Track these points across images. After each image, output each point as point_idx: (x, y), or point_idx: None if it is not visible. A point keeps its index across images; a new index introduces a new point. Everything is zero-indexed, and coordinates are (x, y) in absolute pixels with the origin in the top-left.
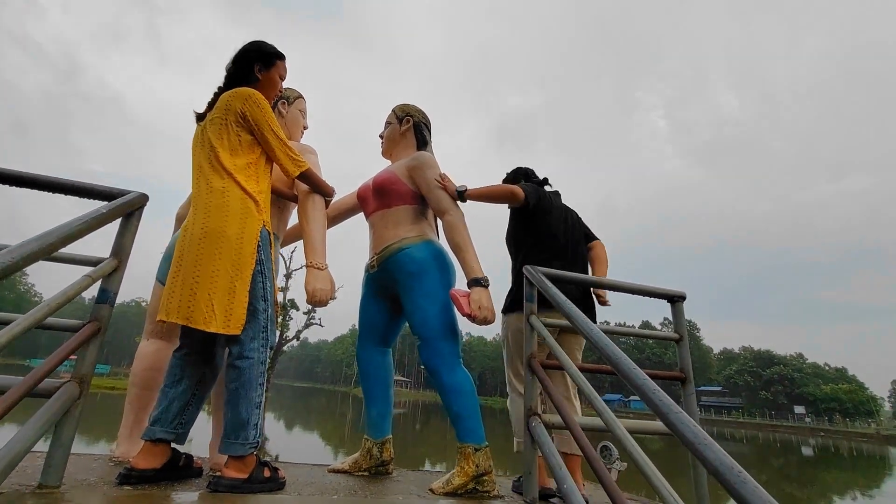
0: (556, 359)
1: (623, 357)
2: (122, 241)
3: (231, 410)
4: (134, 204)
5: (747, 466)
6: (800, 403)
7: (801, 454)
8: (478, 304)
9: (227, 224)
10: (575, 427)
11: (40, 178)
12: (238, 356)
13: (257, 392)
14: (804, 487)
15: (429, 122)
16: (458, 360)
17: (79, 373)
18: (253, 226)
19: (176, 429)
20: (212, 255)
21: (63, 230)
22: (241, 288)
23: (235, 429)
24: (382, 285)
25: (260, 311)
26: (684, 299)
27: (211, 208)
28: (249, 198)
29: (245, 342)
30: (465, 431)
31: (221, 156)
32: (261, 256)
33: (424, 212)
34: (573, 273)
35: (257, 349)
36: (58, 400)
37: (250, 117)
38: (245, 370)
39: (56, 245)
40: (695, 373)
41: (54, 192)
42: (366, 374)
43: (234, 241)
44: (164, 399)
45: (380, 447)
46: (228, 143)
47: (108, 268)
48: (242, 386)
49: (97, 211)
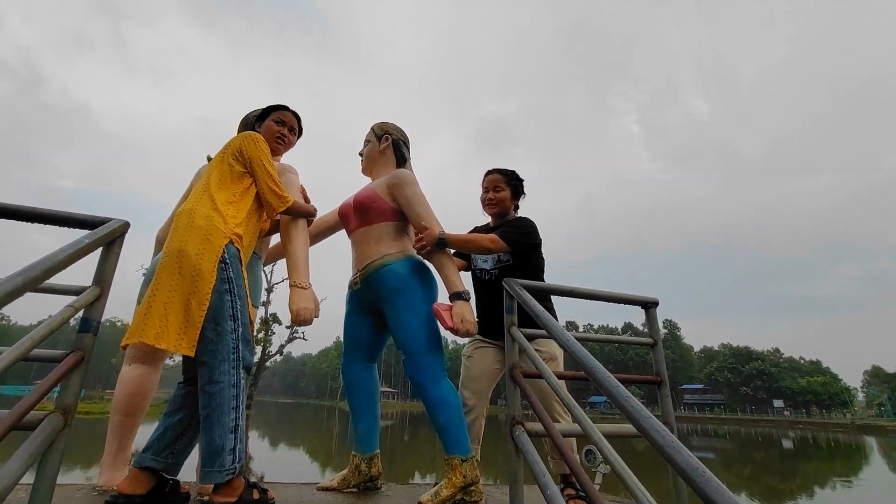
0: (536, 368)
1: (597, 365)
2: (103, 269)
3: (205, 437)
4: (115, 232)
5: (730, 461)
6: (778, 397)
7: (782, 447)
8: (460, 317)
9: (188, 241)
10: (556, 434)
11: (22, 210)
12: (207, 381)
13: (230, 416)
14: (786, 480)
15: (407, 139)
16: (442, 374)
17: (63, 403)
18: (216, 242)
19: (167, 458)
20: (171, 271)
21: (46, 263)
22: (196, 306)
23: (211, 456)
24: (366, 301)
25: (228, 332)
26: (657, 305)
27: (178, 229)
28: (215, 220)
29: (213, 366)
30: (451, 443)
31: (211, 181)
32: (228, 274)
33: (405, 228)
34: (549, 283)
35: (227, 371)
36: (42, 431)
37: (245, 152)
38: (216, 395)
39: (40, 278)
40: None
41: (36, 222)
42: (352, 390)
43: (194, 257)
44: (160, 426)
45: (368, 462)
46: (219, 173)
47: (90, 296)
48: (213, 411)
49: (80, 241)
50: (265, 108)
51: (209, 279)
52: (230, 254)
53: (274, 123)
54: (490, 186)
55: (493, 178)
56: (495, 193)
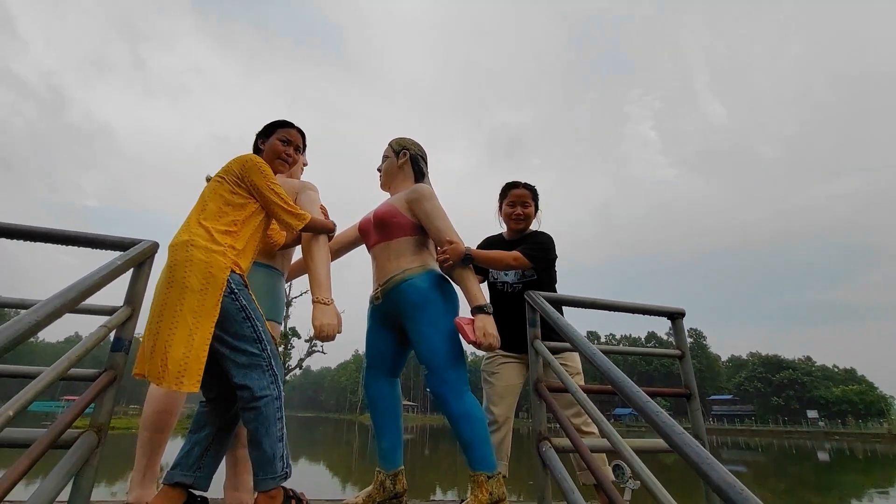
0: (561, 382)
1: (625, 379)
2: (134, 290)
3: (255, 449)
4: (145, 253)
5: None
6: (812, 407)
7: (818, 459)
8: (482, 330)
9: (190, 276)
10: (584, 450)
11: (54, 232)
12: (251, 398)
13: (277, 427)
14: (823, 493)
15: (425, 154)
16: (465, 388)
17: (96, 421)
18: (219, 276)
19: (195, 473)
20: (173, 308)
21: (82, 285)
22: (199, 343)
23: (263, 466)
24: (387, 316)
25: (258, 354)
26: (683, 315)
27: (177, 263)
28: (214, 253)
29: (254, 386)
30: (476, 459)
31: (207, 208)
32: (241, 303)
33: (425, 242)
34: (571, 295)
35: (268, 387)
36: (77, 450)
37: (248, 179)
38: (262, 409)
39: (77, 300)
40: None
41: (69, 244)
42: (375, 406)
43: (198, 294)
44: (187, 444)
45: (393, 479)
46: (220, 200)
47: (122, 317)
48: (262, 424)
49: (112, 263)
50: (269, 124)
51: (211, 315)
52: (236, 283)
53: (279, 142)
54: (518, 201)
55: (521, 193)
56: (524, 209)
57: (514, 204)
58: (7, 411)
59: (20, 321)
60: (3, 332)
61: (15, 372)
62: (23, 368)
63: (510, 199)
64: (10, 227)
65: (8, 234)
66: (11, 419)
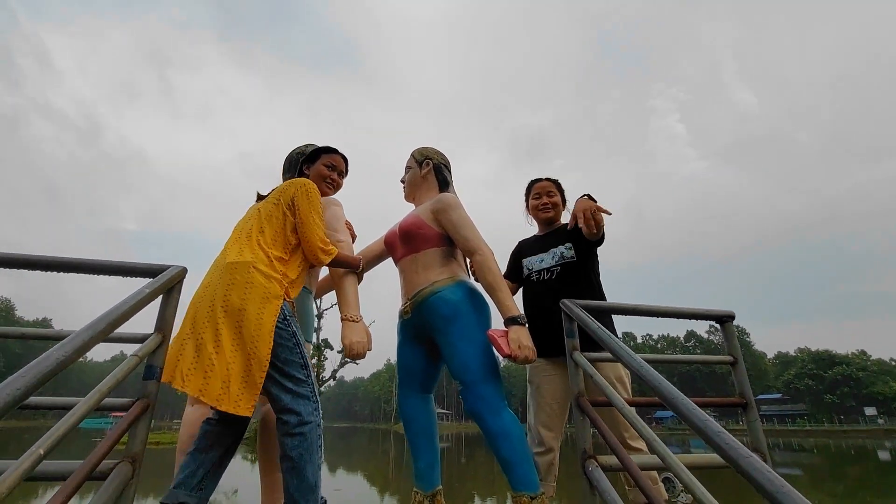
0: (605, 396)
1: (676, 393)
2: (164, 316)
3: (296, 477)
4: (174, 279)
5: (820, 478)
6: (870, 404)
7: (878, 459)
8: (517, 342)
9: (248, 302)
10: (633, 467)
11: (85, 263)
12: (298, 423)
13: (318, 455)
14: (885, 495)
15: (448, 162)
16: (502, 403)
17: (130, 452)
18: (275, 304)
19: (198, 493)
20: (231, 330)
21: (111, 316)
22: (256, 369)
23: (304, 494)
24: (418, 330)
25: (304, 379)
26: (733, 318)
27: (235, 283)
28: (273, 280)
29: (301, 410)
30: (517, 479)
31: (265, 233)
32: (291, 330)
33: (453, 253)
34: (611, 302)
35: (312, 413)
36: (112, 482)
37: (296, 201)
38: (307, 435)
39: (106, 331)
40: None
41: (100, 274)
42: (409, 425)
43: (254, 320)
44: (193, 464)
45: (431, 500)
46: (276, 223)
47: (152, 345)
48: (306, 451)
49: (140, 292)
50: (315, 149)
51: (269, 341)
52: (288, 312)
53: (324, 167)
54: (543, 192)
55: (544, 185)
56: (549, 198)
57: (540, 195)
58: (38, 450)
59: (48, 358)
60: (32, 369)
61: (51, 404)
62: (58, 400)
63: (535, 192)
64: (39, 259)
65: (42, 266)
66: (43, 458)
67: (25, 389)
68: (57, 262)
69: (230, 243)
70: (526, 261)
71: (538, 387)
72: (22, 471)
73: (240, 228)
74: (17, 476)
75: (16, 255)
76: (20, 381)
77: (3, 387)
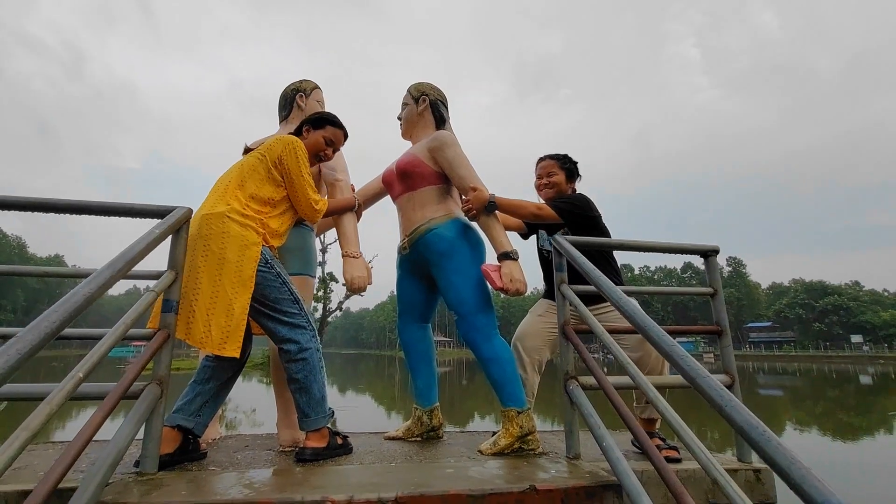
0: (587, 325)
1: (650, 323)
2: (175, 254)
3: (305, 395)
4: (181, 220)
5: (800, 398)
6: (857, 332)
7: (859, 383)
8: (509, 276)
9: (227, 250)
10: (607, 386)
11: (98, 205)
12: (298, 350)
13: (322, 374)
14: (863, 415)
15: (445, 99)
16: (494, 331)
17: (157, 375)
18: (253, 250)
19: (195, 418)
20: (211, 276)
21: (129, 254)
22: (239, 311)
23: (314, 407)
24: (416, 266)
25: (297, 313)
26: (717, 253)
27: (212, 233)
28: (249, 228)
29: (299, 340)
30: (506, 396)
31: (246, 185)
32: (276, 271)
33: (449, 190)
34: (600, 238)
35: (310, 340)
36: (144, 400)
37: (285, 163)
38: (308, 359)
39: (125, 269)
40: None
41: (108, 215)
42: (409, 351)
43: (234, 268)
44: (191, 392)
45: (429, 414)
46: (258, 177)
47: (167, 280)
48: (310, 372)
49: (151, 233)
50: (321, 117)
51: (249, 286)
52: (269, 256)
53: (323, 141)
54: (543, 173)
55: (545, 165)
56: (549, 178)
57: (541, 176)
58: (78, 373)
59: (76, 294)
60: (63, 304)
61: (82, 334)
62: (88, 331)
63: (538, 172)
64: (52, 202)
65: (51, 208)
66: (83, 380)
67: (60, 322)
68: (71, 205)
69: (208, 196)
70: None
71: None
72: (66, 391)
73: (219, 182)
74: (63, 395)
75: (32, 198)
76: (55, 315)
77: (41, 320)
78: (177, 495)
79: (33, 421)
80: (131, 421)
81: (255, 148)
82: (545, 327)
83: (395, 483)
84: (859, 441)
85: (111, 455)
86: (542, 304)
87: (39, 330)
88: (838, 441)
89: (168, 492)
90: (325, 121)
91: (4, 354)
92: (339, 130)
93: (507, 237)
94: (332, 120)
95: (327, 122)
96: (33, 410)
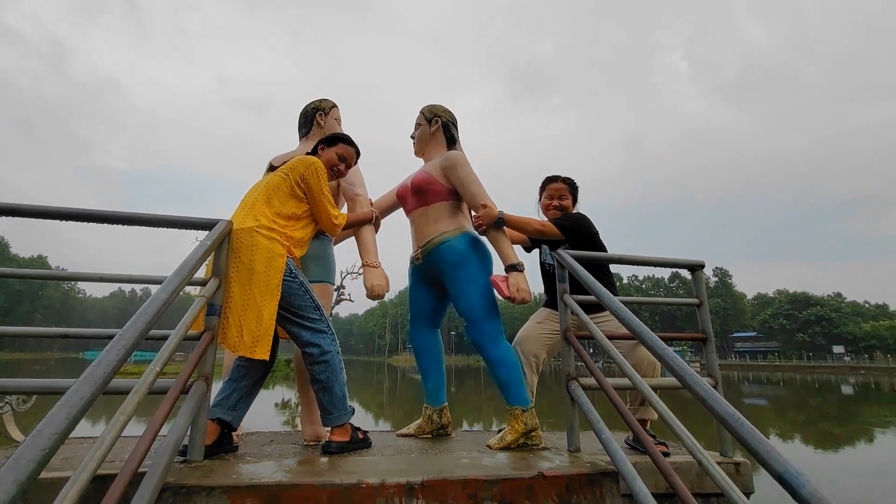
0: (588, 330)
1: (645, 329)
2: (219, 262)
3: (328, 394)
4: (224, 231)
5: (783, 408)
6: (839, 343)
7: (840, 393)
8: (516, 286)
9: (256, 262)
10: (607, 386)
11: (141, 217)
12: (321, 353)
13: (343, 374)
14: (843, 424)
15: (455, 120)
16: (501, 336)
17: (203, 372)
18: (279, 261)
19: (231, 412)
20: (242, 285)
21: (190, 263)
22: (268, 317)
23: (336, 405)
24: (427, 275)
25: (318, 319)
26: (703, 267)
27: (242, 246)
28: (275, 241)
29: (321, 344)
30: (512, 396)
31: (272, 202)
32: (300, 280)
33: (460, 206)
34: (599, 253)
35: (331, 344)
36: (194, 395)
37: (307, 182)
38: (331, 361)
39: (188, 277)
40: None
41: (159, 226)
42: (420, 354)
43: (263, 278)
44: (228, 388)
45: (439, 413)
46: (282, 193)
47: (213, 287)
48: (332, 373)
49: (203, 244)
50: (335, 136)
51: (276, 294)
52: (292, 266)
53: (336, 156)
54: (556, 195)
55: (558, 187)
56: (560, 202)
57: (552, 197)
58: (155, 368)
59: (155, 299)
60: (148, 308)
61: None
62: (157, 332)
63: (548, 192)
64: (98, 213)
65: (96, 218)
66: (159, 374)
67: (148, 324)
68: (108, 215)
69: (237, 212)
70: (543, 247)
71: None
72: (148, 383)
73: (246, 198)
74: (146, 387)
75: (67, 209)
76: (144, 316)
77: (134, 321)
78: (228, 479)
79: (126, 407)
80: (185, 414)
81: (278, 165)
82: (543, 332)
83: (419, 470)
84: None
85: (171, 444)
86: (541, 312)
87: (136, 328)
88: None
89: (219, 476)
90: (337, 139)
91: (114, 349)
92: (350, 148)
93: (514, 250)
94: (343, 139)
95: (339, 140)
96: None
